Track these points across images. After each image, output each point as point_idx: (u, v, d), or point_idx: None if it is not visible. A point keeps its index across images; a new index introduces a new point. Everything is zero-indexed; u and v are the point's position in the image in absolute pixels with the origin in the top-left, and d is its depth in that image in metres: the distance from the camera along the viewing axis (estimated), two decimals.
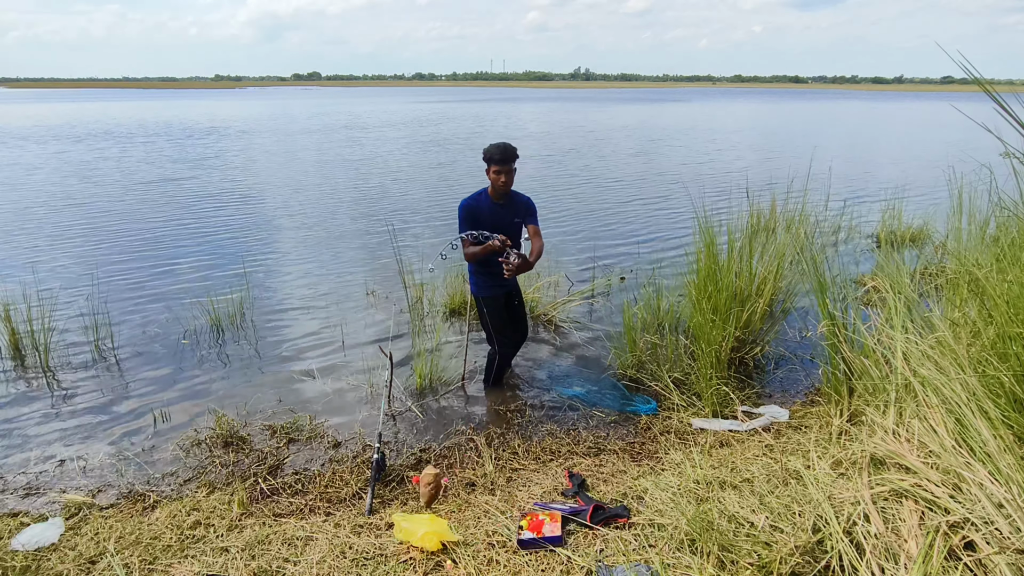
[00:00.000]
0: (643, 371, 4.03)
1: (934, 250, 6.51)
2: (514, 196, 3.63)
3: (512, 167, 3.45)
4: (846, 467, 2.49)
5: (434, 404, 3.87)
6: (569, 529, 2.43)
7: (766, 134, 24.56)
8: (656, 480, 2.73)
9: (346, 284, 6.15)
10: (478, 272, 3.68)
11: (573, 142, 20.04)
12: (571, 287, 5.91)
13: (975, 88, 2.30)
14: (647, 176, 13.08)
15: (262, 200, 10.43)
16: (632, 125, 28.14)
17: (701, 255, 3.96)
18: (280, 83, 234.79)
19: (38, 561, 2.44)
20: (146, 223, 8.69)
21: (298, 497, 2.91)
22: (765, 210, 7.07)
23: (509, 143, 3.45)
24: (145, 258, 6.97)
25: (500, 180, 3.43)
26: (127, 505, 2.90)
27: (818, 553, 2.05)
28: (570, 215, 9.26)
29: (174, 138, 21.11)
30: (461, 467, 3.14)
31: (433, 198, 10.61)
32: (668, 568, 2.11)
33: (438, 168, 14.31)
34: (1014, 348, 2.30)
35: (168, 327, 5.03)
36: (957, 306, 3.13)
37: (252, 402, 3.89)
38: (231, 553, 2.40)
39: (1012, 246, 2.92)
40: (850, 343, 3.19)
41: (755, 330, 4.16)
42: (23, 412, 3.80)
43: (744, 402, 3.61)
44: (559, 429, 3.52)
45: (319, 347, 4.71)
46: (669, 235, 8.07)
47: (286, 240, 7.88)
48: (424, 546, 2.31)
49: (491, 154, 3.41)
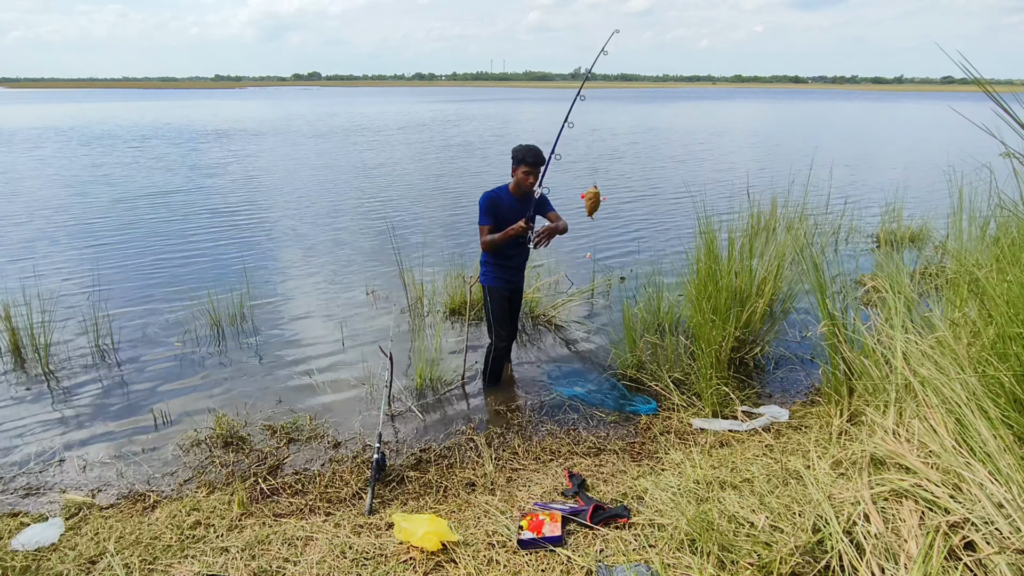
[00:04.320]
0: (643, 371, 4.03)
1: (934, 250, 6.51)
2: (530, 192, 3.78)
3: (539, 170, 3.64)
4: (846, 467, 2.49)
5: (434, 404, 3.87)
6: (569, 529, 2.43)
7: (766, 134, 24.56)
8: (656, 480, 2.73)
9: (346, 284, 6.15)
10: (491, 263, 3.80)
11: (575, 142, 20.04)
12: (571, 287, 5.92)
13: (975, 88, 2.30)
14: (647, 176, 13.08)
15: (263, 201, 10.43)
16: (633, 125, 28.15)
17: (701, 255, 3.96)
18: (280, 83, 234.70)
19: (38, 561, 2.44)
20: (147, 223, 8.69)
21: (298, 497, 2.91)
22: (765, 210, 7.07)
23: (539, 147, 3.63)
24: (146, 258, 6.97)
25: (528, 181, 3.62)
26: (127, 505, 2.90)
27: (818, 553, 2.05)
28: (570, 215, 9.24)
29: (175, 140, 21.12)
30: (461, 467, 3.14)
31: (444, 201, 10.61)
32: (668, 568, 2.11)
33: (444, 173, 14.30)
34: (1014, 348, 2.30)
35: (168, 327, 5.03)
36: (957, 306, 3.13)
37: (252, 402, 3.89)
38: (231, 553, 2.40)
39: (1012, 246, 2.92)
40: (850, 343, 3.19)
41: (755, 330, 4.16)
42: (23, 412, 3.80)
43: (744, 402, 3.61)
44: (559, 429, 3.52)
45: (319, 347, 4.71)
46: (669, 235, 8.07)
47: (286, 240, 7.88)
48: (424, 546, 2.31)
49: (523, 155, 3.60)
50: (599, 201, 3.63)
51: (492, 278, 3.82)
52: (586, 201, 3.62)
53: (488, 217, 3.64)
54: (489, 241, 3.65)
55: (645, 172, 13.70)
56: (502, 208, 3.67)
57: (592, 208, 3.64)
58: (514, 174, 3.66)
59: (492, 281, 3.82)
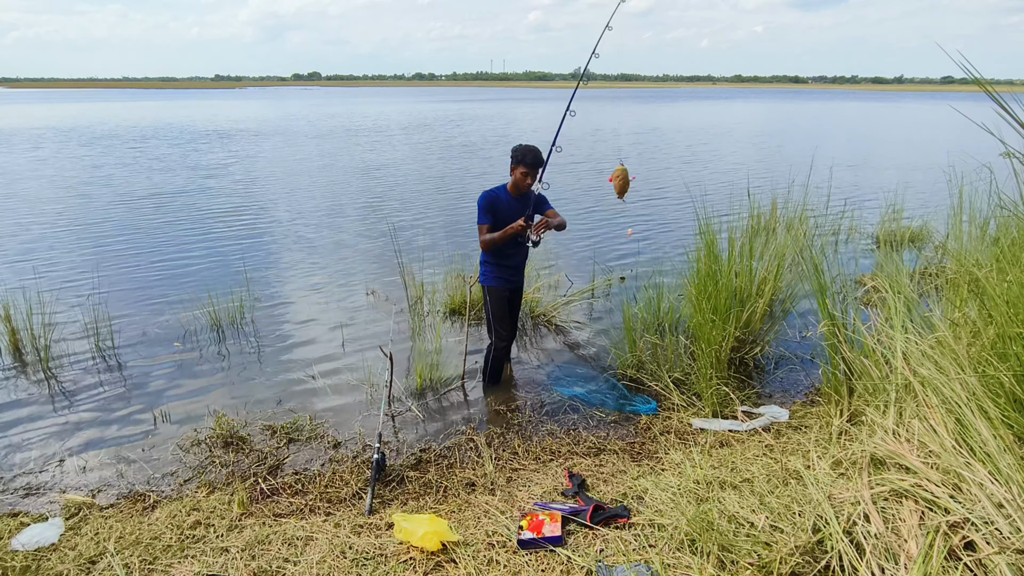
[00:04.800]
0: (643, 371, 4.03)
1: (934, 250, 6.51)
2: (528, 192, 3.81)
3: (538, 172, 3.65)
4: (846, 467, 2.49)
5: (434, 404, 3.87)
6: (569, 529, 2.43)
7: (766, 135, 24.55)
8: (656, 480, 2.73)
9: (346, 284, 6.15)
10: (490, 263, 3.81)
11: (574, 142, 20.03)
12: (571, 287, 5.92)
13: (975, 88, 2.30)
14: (647, 176, 13.07)
15: (263, 202, 10.43)
16: (633, 124, 28.14)
17: (701, 255, 3.96)
18: (280, 83, 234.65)
19: (38, 561, 2.44)
20: (147, 224, 8.69)
21: (298, 497, 2.91)
22: (765, 210, 7.07)
23: (538, 148, 3.65)
24: (146, 258, 6.97)
25: (526, 181, 3.64)
26: (127, 505, 2.90)
27: (818, 553, 2.05)
28: (570, 214, 9.25)
29: (175, 140, 21.12)
30: (461, 467, 3.14)
31: (444, 202, 10.61)
32: (668, 568, 2.11)
33: (447, 173, 14.30)
34: (1014, 348, 2.30)
35: (168, 327, 5.03)
36: (957, 306, 3.13)
37: (252, 402, 3.89)
38: (231, 553, 2.40)
39: (1012, 246, 2.92)
40: (850, 343, 3.19)
41: (755, 330, 4.16)
42: (23, 412, 3.80)
43: (744, 402, 3.61)
44: (559, 429, 3.52)
45: (319, 347, 4.71)
46: (669, 235, 8.07)
47: (287, 241, 7.88)
48: (424, 546, 2.31)
49: (522, 156, 3.63)
50: (628, 180, 3.48)
51: (492, 278, 3.83)
52: (615, 182, 3.49)
53: (487, 216, 3.66)
54: (488, 240, 3.67)
55: (645, 172, 13.70)
56: (501, 207, 3.68)
57: (622, 189, 3.49)
58: (513, 174, 3.68)
59: (492, 281, 3.83)
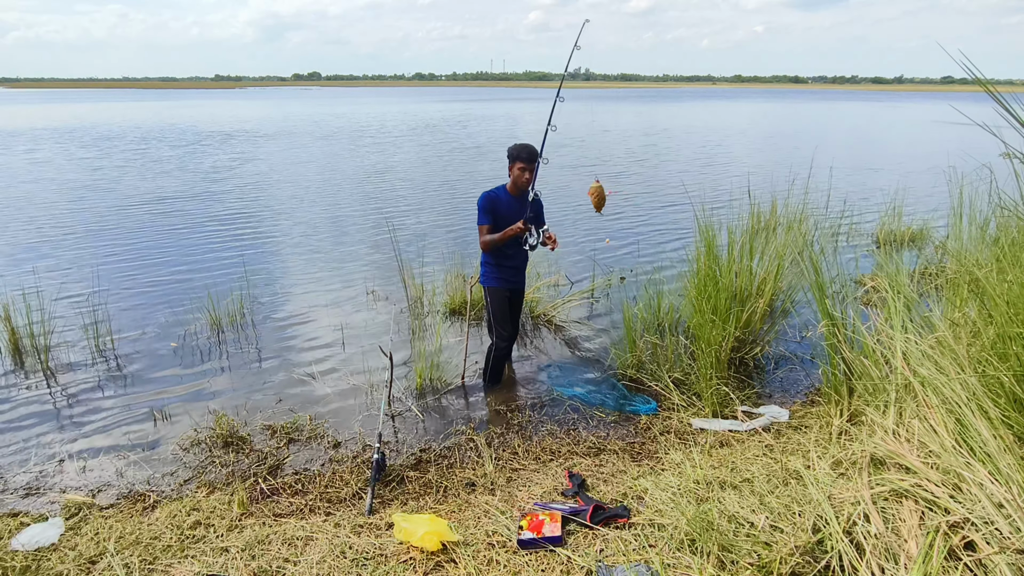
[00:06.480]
0: (643, 371, 4.03)
1: (934, 250, 6.51)
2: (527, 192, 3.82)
3: (534, 166, 3.67)
4: (846, 467, 2.49)
5: (434, 404, 3.87)
6: (569, 529, 2.43)
7: (766, 135, 24.55)
8: (656, 480, 2.73)
9: (346, 284, 6.15)
10: (491, 263, 3.83)
11: (574, 142, 20.03)
12: (571, 287, 5.92)
13: (975, 88, 2.30)
14: (647, 176, 13.07)
15: (264, 202, 10.43)
16: (633, 124, 28.14)
17: (701, 255, 3.96)
18: (280, 83, 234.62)
19: (38, 561, 2.44)
20: (148, 225, 8.69)
21: (298, 497, 2.91)
22: (765, 210, 7.07)
23: (532, 145, 3.68)
24: (146, 258, 6.97)
25: (524, 177, 3.67)
26: (127, 505, 2.90)
27: (818, 553, 2.05)
28: (570, 215, 9.25)
29: (176, 142, 21.12)
30: (461, 467, 3.14)
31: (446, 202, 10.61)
32: (668, 568, 2.11)
33: (449, 174, 14.29)
34: (1014, 348, 2.30)
35: (168, 327, 5.03)
36: (957, 306, 3.13)
37: (252, 402, 3.89)
38: (231, 553, 2.40)
39: (1012, 246, 2.92)
40: (850, 343, 3.19)
41: (755, 330, 4.16)
42: (23, 412, 3.80)
43: (744, 402, 3.61)
44: (559, 429, 3.52)
45: (319, 347, 4.71)
46: (669, 235, 8.07)
47: (287, 241, 7.88)
48: (424, 546, 2.31)
49: (518, 152, 3.66)
50: (604, 196, 3.63)
51: (492, 278, 3.84)
52: (591, 198, 3.64)
53: (487, 217, 3.67)
54: (488, 241, 3.68)
55: (646, 172, 13.70)
56: (501, 208, 3.70)
57: (598, 203, 3.65)
58: (510, 172, 3.70)
59: (492, 281, 3.84)
